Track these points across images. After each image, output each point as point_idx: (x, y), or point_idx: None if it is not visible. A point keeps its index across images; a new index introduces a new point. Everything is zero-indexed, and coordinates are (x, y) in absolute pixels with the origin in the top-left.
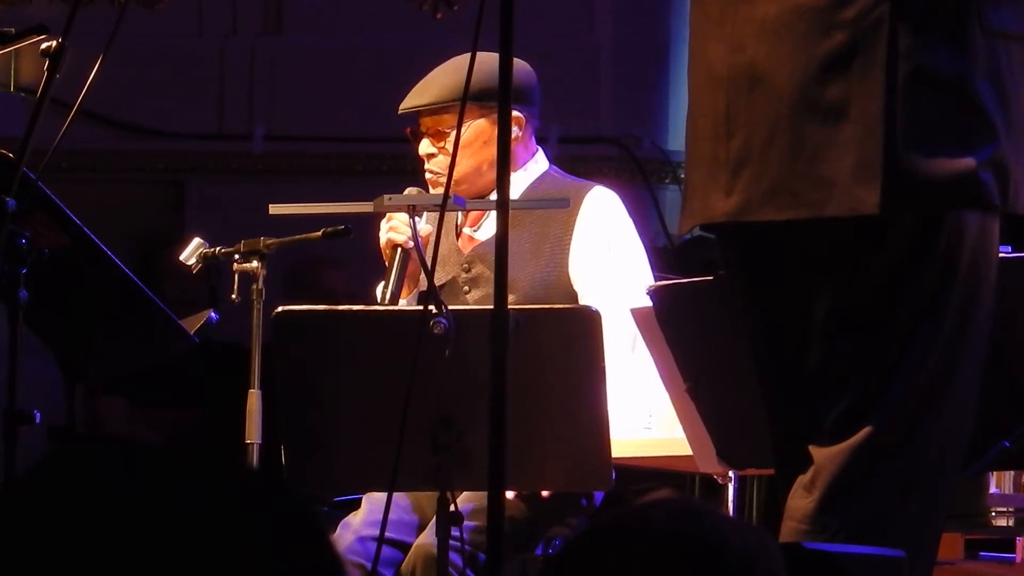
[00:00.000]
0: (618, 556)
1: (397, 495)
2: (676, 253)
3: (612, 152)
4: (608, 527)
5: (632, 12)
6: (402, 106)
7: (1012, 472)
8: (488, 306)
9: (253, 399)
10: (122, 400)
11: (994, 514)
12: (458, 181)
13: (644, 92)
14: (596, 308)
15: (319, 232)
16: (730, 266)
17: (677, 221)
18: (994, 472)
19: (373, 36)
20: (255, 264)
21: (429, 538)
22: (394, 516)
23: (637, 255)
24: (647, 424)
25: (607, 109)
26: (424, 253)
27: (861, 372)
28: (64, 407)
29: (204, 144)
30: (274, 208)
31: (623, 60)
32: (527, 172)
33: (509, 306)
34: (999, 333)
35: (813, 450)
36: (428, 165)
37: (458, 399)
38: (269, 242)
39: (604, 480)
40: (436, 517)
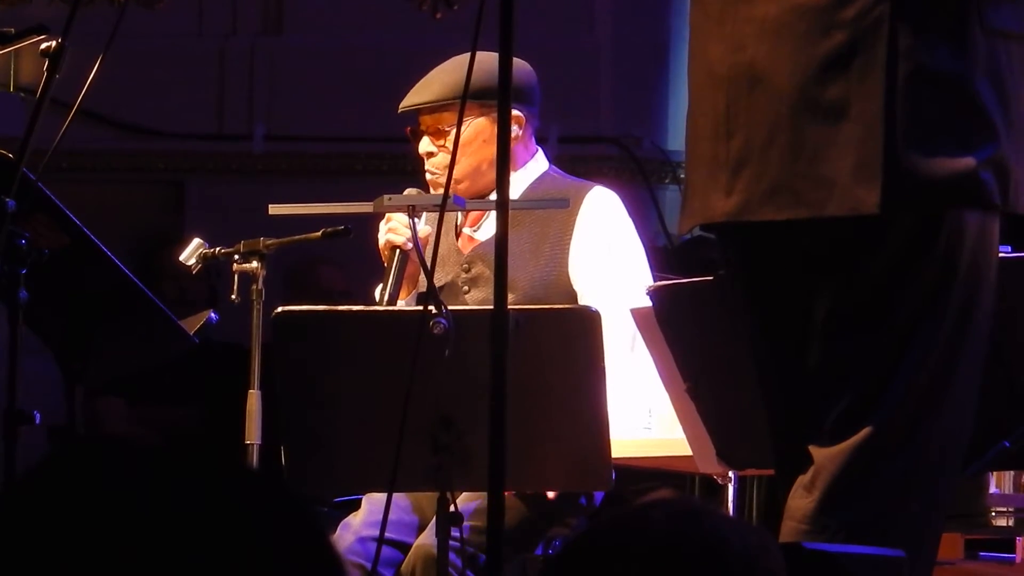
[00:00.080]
0: (618, 556)
1: (397, 495)
2: (676, 253)
3: (612, 152)
4: (608, 527)
5: (632, 12)
6: (402, 104)
7: (1012, 472)
8: (488, 306)
9: (253, 399)
10: (122, 400)
11: (994, 514)
12: (458, 180)
13: (644, 92)
14: (596, 308)
15: (319, 232)
16: (730, 266)
17: (677, 221)
18: (994, 472)
19: (373, 36)
20: (255, 264)
21: (429, 538)
22: (394, 516)
23: (637, 255)
24: (647, 424)
25: (607, 109)
26: (423, 253)
27: (861, 372)
28: (64, 407)
29: (204, 144)
30: (274, 208)
31: (623, 60)
32: (527, 172)
33: (509, 306)
34: (999, 333)
35: (813, 450)
36: (428, 164)
37: (458, 399)
38: (269, 242)
39: (604, 480)
40: (436, 517)
